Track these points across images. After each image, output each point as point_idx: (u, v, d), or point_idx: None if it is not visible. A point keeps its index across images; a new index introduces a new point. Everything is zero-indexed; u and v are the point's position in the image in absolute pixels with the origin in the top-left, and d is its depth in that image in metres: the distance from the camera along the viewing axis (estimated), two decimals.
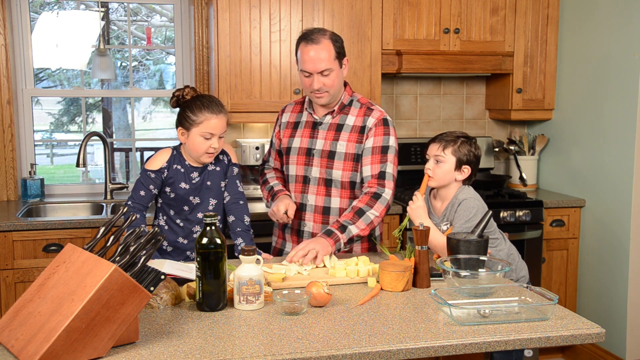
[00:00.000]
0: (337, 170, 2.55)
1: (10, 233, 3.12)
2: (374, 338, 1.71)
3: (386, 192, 2.48)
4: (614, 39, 3.56)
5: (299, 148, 2.62)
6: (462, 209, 2.42)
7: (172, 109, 2.59)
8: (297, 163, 2.62)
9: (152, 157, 2.58)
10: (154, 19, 8.63)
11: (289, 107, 2.74)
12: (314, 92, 2.50)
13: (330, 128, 2.58)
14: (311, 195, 2.60)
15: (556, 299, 1.85)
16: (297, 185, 2.63)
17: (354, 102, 2.60)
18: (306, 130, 2.63)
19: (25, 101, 3.81)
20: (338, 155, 2.54)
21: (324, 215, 2.59)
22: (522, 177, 4.12)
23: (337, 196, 2.57)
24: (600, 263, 3.70)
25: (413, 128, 4.21)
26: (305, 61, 2.46)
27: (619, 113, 3.53)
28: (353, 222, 2.40)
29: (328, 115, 2.60)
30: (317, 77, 2.46)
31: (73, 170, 9.19)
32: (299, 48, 2.50)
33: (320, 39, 2.46)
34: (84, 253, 1.68)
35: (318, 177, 2.58)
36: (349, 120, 2.57)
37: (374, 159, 2.51)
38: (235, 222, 2.58)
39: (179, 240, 2.57)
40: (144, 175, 2.53)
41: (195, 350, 1.62)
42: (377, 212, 2.45)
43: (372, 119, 2.54)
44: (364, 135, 2.54)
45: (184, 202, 2.54)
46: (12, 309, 1.68)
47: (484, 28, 3.85)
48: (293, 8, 3.59)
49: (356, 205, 2.44)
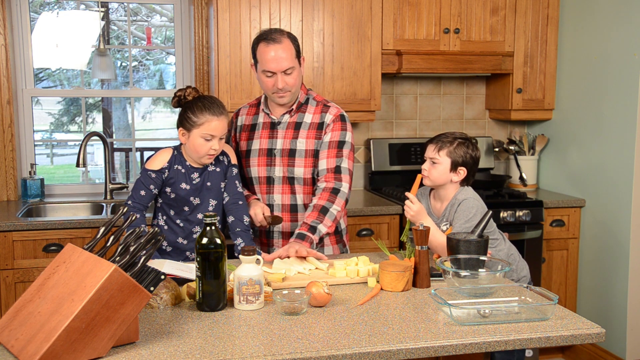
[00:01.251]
0: (299, 168, 2.59)
1: (10, 233, 3.12)
2: (374, 338, 1.71)
3: (344, 186, 2.53)
4: (614, 39, 3.56)
5: (259, 149, 2.63)
6: (461, 209, 2.43)
7: (173, 108, 2.59)
8: (259, 164, 2.64)
9: (153, 156, 2.58)
10: (154, 19, 8.63)
11: (243, 110, 2.75)
12: (277, 92, 2.52)
13: (289, 127, 2.61)
14: (277, 195, 2.63)
15: (556, 299, 1.86)
16: (262, 186, 2.65)
17: (310, 100, 2.65)
18: (264, 131, 2.64)
19: (25, 101, 3.81)
20: (299, 152, 2.59)
21: (292, 213, 2.63)
22: (522, 177, 4.12)
23: (301, 193, 2.62)
24: (600, 263, 3.70)
25: (413, 128, 4.21)
26: (269, 60, 2.47)
27: (619, 113, 3.53)
28: (320, 221, 2.46)
29: (286, 114, 2.62)
30: (281, 77, 2.48)
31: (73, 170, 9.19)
32: (259, 48, 2.51)
33: (280, 39, 2.49)
34: (84, 253, 1.68)
35: (282, 176, 2.61)
36: (307, 117, 2.62)
37: (330, 153, 2.57)
38: (235, 223, 2.57)
39: (179, 241, 2.57)
40: (144, 175, 2.52)
41: (195, 350, 1.62)
42: (339, 206, 2.50)
43: (330, 115, 2.60)
44: (322, 131, 2.59)
45: (184, 203, 2.54)
46: (12, 309, 1.68)
47: (484, 28, 3.85)
48: (293, 8, 3.59)
49: (318, 203, 2.49)
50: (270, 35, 2.49)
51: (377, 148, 4.02)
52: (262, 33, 2.53)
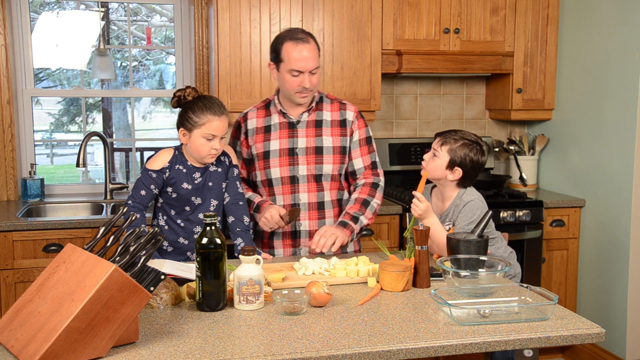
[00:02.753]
0: (328, 165, 2.62)
1: (10, 233, 3.12)
2: (374, 338, 1.71)
3: (382, 180, 2.69)
4: (614, 39, 3.56)
5: (280, 150, 2.62)
6: (466, 210, 2.43)
7: (173, 108, 2.58)
8: (281, 165, 2.62)
9: (154, 156, 2.57)
10: (154, 19, 8.63)
11: (251, 114, 2.70)
12: (301, 91, 2.52)
13: (309, 125, 2.63)
14: (303, 194, 2.62)
15: (556, 299, 1.86)
16: (285, 186, 2.63)
17: (324, 99, 2.70)
18: (283, 131, 2.63)
19: (25, 101, 3.81)
20: (326, 149, 2.61)
21: (319, 211, 2.64)
22: (522, 177, 4.12)
23: (328, 189, 2.65)
24: (600, 263, 3.70)
25: (413, 128, 4.21)
26: (297, 60, 2.48)
27: (619, 113, 3.53)
28: (362, 212, 2.57)
29: (304, 113, 2.63)
30: (307, 76, 2.50)
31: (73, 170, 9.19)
32: (285, 47, 2.50)
33: (308, 38, 2.52)
34: (84, 253, 1.68)
35: (307, 174, 2.61)
36: (326, 115, 2.65)
37: (362, 151, 2.68)
38: (235, 223, 2.57)
39: (180, 241, 2.56)
40: (145, 174, 2.52)
41: (195, 350, 1.62)
42: (379, 200, 2.65)
43: (351, 112, 2.68)
44: (345, 128, 2.65)
45: (185, 203, 2.54)
46: (12, 309, 1.68)
47: (484, 28, 3.85)
48: (293, 8, 3.59)
49: (360, 196, 2.60)
50: (297, 35, 2.50)
51: (377, 148, 4.01)
52: (287, 32, 2.53)
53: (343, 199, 2.70)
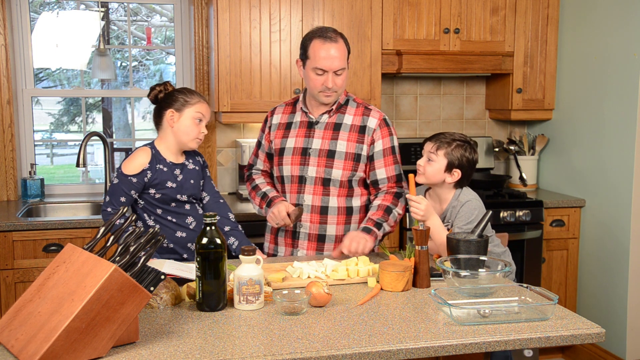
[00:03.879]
0: (337, 170, 2.54)
1: (10, 233, 3.12)
2: (374, 338, 1.71)
3: (405, 191, 2.60)
4: (614, 39, 3.56)
5: (294, 148, 2.59)
6: (464, 211, 2.43)
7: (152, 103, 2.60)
8: (292, 163, 2.59)
9: (129, 159, 2.48)
10: (154, 19, 8.63)
11: (279, 109, 2.71)
12: (324, 91, 2.49)
13: (328, 127, 2.57)
14: (308, 195, 2.57)
15: (556, 299, 1.86)
16: (293, 185, 2.60)
17: (350, 102, 2.62)
18: (301, 130, 2.61)
19: (25, 101, 3.81)
20: (338, 154, 2.54)
21: (322, 215, 2.57)
22: (522, 177, 4.12)
23: (335, 195, 2.56)
24: (600, 263, 3.70)
25: (413, 128, 4.21)
26: (323, 58, 2.44)
27: (619, 113, 3.53)
28: (385, 219, 2.49)
29: (325, 114, 2.59)
30: (332, 76, 2.46)
31: (73, 170, 9.18)
32: (313, 45, 2.47)
33: (337, 38, 2.48)
34: (84, 253, 1.68)
35: (315, 176, 2.56)
36: (347, 119, 2.58)
37: (386, 161, 2.58)
38: (222, 221, 2.59)
39: (177, 235, 2.54)
40: (124, 180, 2.44)
41: (195, 350, 1.62)
42: (401, 209, 2.58)
43: (374, 119, 2.57)
44: (364, 135, 2.55)
45: (170, 200, 2.52)
46: (12, 309, 1.68)
47: (484, 28, 3.85)
48: (293, 8, 3.59)
49: (382, 203, 2.53)
50: (326, 33, 2.47)
51: None
52: (317, 30, 2.51)
53: (353, 206, 2.60)
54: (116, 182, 2.46)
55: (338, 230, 2.58)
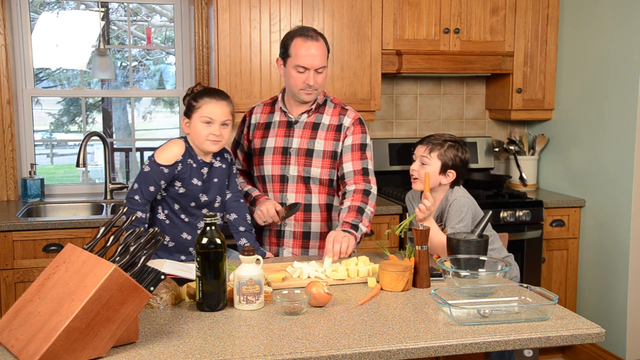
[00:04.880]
0: (316, 168, 2.59)
1: (10, 233, 3.12)
2: (374, 338, 1.71)
3: (373, 188, 2.58)
4: (614, 39, 3.56)
5: (274, 147, 2.63)
6: (453, 210, 2.44)
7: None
8: (273, 162, 2.63)
9: (163, 147, 2.45)
10: (154, 19, 8.63)
11: (257, 109, 2.74)
12: (305, 88, 2.53)
13: (306, 127, 2.62)
14: (290, 194, 2.62)
15: (556, 299, 1.86)
16: (275, 184, 2.64)
17: (328, 102, 2.67)
18: (280, 129, 2.64)
19: (25, 101, 3.81)
20: (316, 153, 2.59)
21: (305, 213, 2.62)
22: (522, 177, 4.12)
23: (316, 192, 2.62)
24: (600, 263, 3.70)
25: (413, 128, 4.21)
26: (304, 56, 2.48)
27: (619, 113, 3.53)
28: (359, 220, 2.46)
29: (304, 114, 2.63)
30: (313, 74, 2.50)
31: (73, 170, 9.18)
32: (294, 43, 2.51)
33: (318, 37, 2.53)
34: (84, 253, 1.68)
35: (296, 175, 2.61)
36: (325, 119, 2.63)
37: (354, 155, 2.59)
38: (238, 221, 2.56)
39: (182, 236, 2.50)
40: (156, 169, 2.39)
41: (195, 350, 1.62)
42: (372, 208, 2.54)
43: (349, 118, 2.63)
44: (340, 133, 2.61)
45: (192, 199, 2.47)
46: (12, 309, 1.68)
47: (484, 28, 3.85)
48: (293, 8, 3.59)
49: (353, 204, 2.49)
50: (307, 32, 2.52)
51: (377, 148, 4.02)
52: (298, 29, 2.56)
53: (333, 204, 2.67)
54: (147, 170, 2.40)
55: (322, 227, 2.65)
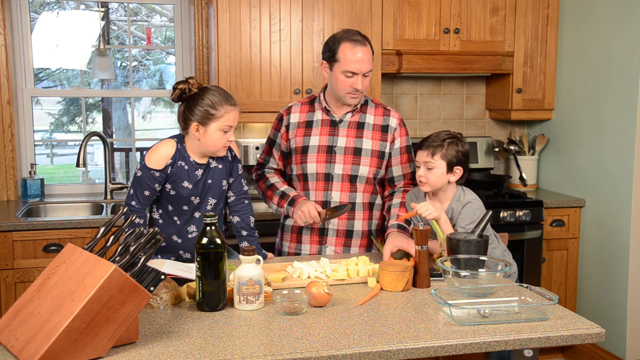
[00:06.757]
0: (364, 167, 2.61)
1: (10, 233, 3.12)
2: (374, 338, 1.71)
3: None
4: (614, 39, 3.56)
5: (319, 146, 2.63)
6: (466, 211, 2.44)
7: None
8: (318, 161, 2.62)
9: (152, 151, 2.40)
10: (154, 19, 8.63)
11: (295, 108, 2.72)
12: (352, 92, 2.54)
13: (351, 126, 2.64)
14: (335, 192, 2.62)
15: (556, 299, 1.86)
16: (319, 183, 2.63)
17: (369, 102, 2.71)
18: (324, 128, 2.65)
19: (25, 101, 3.81)
20: (364, 152, 2.62)
21: (349, 212, 2.63)
22: (522, 177, 4.12)
23: (362, 191, 2.64)
24: (600, 263, 3.70)
25: (413, 128, 4.21)
26: (354, 61, 2.49)
27: (619, 113, 3.53)
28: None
29: (348, 113, 2.65)
30: (360, 79, 2.52)
31: (73, 170, 9.18)
32: (342, 48, 2.51)
33: (365, 42, 2.54)
34: (84, 253, 1.68)
35: (342, 173, 2.62)
36: (369, 119, 2.66)
37: (402, 159, 2.69)
38: (240, 224, 2.53)
39: (173, 238, 2.47)
40: (147, 174, 2.37)
41: (195, 350, 1.62)
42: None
43: (394, 119, 2.68)
44: (387, 134, 2.66)
45: (184, 202, 2.44)
46: (12, 309, 1.68)
47: (484, 28, 3.85)
48: (293, 8, 3.59)
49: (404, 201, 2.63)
50: (354, 37, 2.52)
51: None
52: (345, 33, 2.54)
53: (375, 203, 2.69)
54: (139, 175, 2.38)
55: (364, 226, 2.66)
